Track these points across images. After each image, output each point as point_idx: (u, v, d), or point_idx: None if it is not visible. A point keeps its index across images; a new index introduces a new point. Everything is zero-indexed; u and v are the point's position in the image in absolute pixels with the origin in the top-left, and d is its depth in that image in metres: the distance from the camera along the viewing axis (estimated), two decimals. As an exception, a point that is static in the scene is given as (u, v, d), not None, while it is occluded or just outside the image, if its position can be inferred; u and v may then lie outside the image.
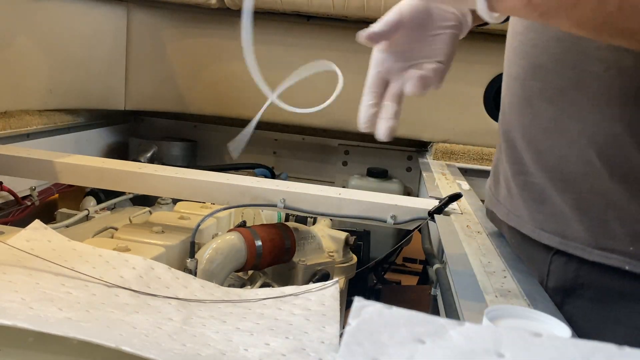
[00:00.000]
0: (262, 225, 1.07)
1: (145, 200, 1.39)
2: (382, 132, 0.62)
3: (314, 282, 0.91)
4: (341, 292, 0.79)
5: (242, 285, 1.05)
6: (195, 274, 0.88)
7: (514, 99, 0.70)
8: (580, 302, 0.62)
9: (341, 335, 0.45)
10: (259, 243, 0.98)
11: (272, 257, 1.01)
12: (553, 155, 0.64)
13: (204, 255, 0.92)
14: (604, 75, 0.58)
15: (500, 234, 0.83)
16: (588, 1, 0.43)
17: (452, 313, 0.61)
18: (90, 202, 1.35)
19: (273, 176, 1.75)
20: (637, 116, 0.57)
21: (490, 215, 0.86)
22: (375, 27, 0.60)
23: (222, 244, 0.95)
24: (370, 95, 0.63)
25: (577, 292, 0.63)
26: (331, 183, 1.81)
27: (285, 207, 1.01)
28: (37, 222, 0.86)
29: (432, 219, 0.95)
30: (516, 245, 0.76)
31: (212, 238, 1.01)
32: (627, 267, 0.58)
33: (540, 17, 0.47)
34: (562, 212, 0.64)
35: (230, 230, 1.01)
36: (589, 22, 0.44)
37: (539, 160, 0.66)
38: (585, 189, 0.62)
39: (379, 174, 1.73)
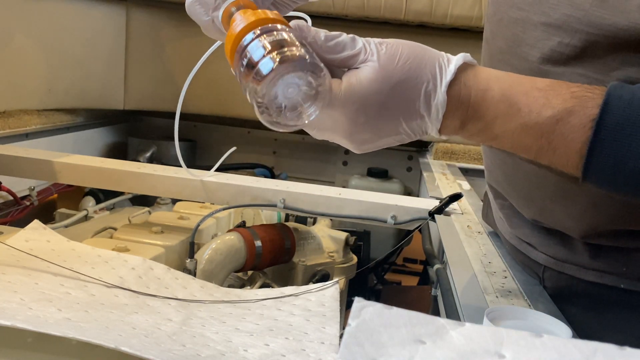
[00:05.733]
0: (262, 225, 1.06)
1: (144, 200, 1.39)
2: None
3: (313, 283, 0.91)
4: (341, 292, 0.79)
5: (242, 286, 1.05)
6: (194, 275, 0.88)
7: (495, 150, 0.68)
8: (575, 309, 0.62)
9: (341, 335, 0.45)
10: (258, 243, 0.98)
11: (271, 257, 1.00)
12: (537, 204, 0.64)
13: (204, 255, 0.92)
14: None
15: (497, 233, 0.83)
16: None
17: (453, 313, 0.61)
18: (89, 202, 1.35)
19: (273, 176, 1.74)
20: None
21: (485, 216, 0.85)
22: None
23: (221, 244, 0.94)
24: None
25: (572, 300, 0.63)
26: (331, 183, 1.81)
27: (285, 207, 1.01)
28: (36, 222, 0.85)
29: (433, 219, 0.95)
30: (509, 249, 0.76)
31: (212, 238, 1.01)
32: (622, 286, 0.58)
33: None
34: (556, 238, 0.64)
35: (229, 231, 1.00)
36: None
37: (526, 206, 0.66)
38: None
39: (379, 174, 1.73)
